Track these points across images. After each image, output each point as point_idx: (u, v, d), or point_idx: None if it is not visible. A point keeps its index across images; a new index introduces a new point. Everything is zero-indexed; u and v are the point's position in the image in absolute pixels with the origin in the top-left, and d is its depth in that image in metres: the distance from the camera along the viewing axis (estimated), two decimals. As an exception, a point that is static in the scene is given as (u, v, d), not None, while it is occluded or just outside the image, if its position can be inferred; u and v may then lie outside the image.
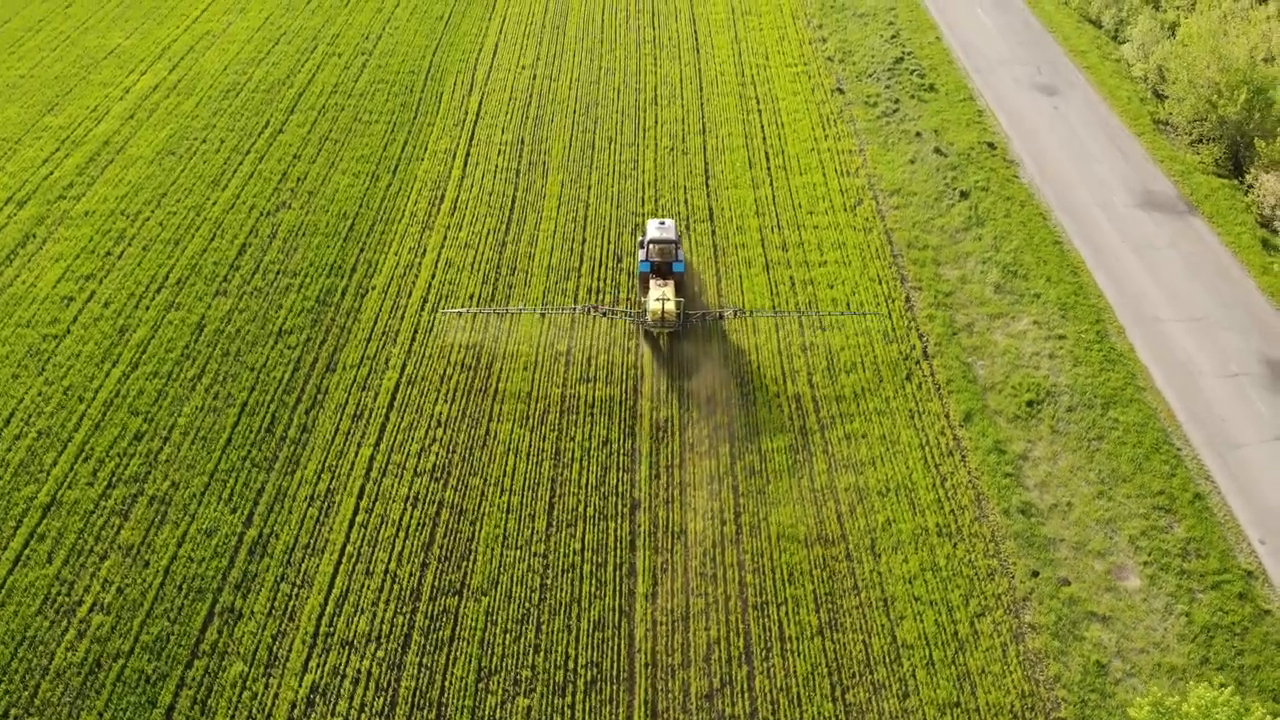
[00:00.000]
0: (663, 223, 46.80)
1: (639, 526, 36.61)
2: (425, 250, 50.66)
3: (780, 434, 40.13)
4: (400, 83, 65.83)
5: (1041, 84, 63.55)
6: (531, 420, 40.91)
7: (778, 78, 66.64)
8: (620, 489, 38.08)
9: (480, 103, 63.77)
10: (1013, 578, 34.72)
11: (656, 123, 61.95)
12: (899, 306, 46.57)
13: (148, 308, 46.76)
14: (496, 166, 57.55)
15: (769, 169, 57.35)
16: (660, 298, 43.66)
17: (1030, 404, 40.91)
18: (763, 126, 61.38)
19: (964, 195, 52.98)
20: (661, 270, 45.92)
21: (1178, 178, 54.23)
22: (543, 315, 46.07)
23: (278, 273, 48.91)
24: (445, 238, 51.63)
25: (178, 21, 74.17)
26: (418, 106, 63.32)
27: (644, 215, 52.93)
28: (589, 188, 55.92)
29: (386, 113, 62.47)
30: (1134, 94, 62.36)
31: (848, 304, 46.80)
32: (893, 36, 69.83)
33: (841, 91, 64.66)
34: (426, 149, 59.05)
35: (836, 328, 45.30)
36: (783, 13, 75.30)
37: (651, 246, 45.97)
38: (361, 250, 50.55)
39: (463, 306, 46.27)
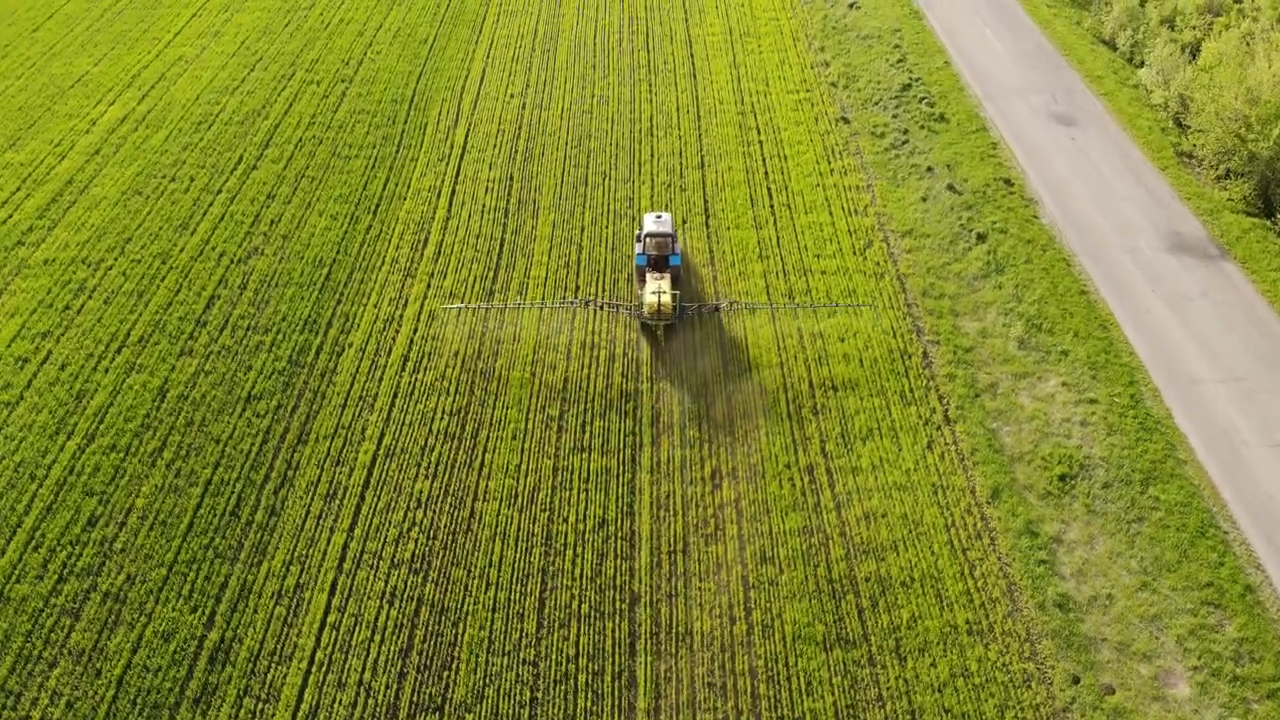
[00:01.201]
0: (659, 216, 47.03)
1: (639, 626, 33.26)
2: (407, 301, 47.26)
3: (793, 512, 36.84)
4: (382, 113, 62.41)
5: (1058, 113, 60.39)
6: (521, 499, 37.52)
7: (779, 105, 63.40)
8: (618, 580, 34.73)
9: (467, 135, 60.40)
10: (1051, 684, 31.48)
11: (653, 156, 58.67)
12: (916, 363, 43.32)
13: (107, 370, 43.29)
14: (484, 206, 54.20)
15: (772, 206, 54.09)
16: (657, 290, 43.93)
17: (1063, 479, 37.68)
18: (764, 159, 58.13)
19: (981, 238, 49.77)
20: (658, 264, 45.98)
21: (1206, 217, 51.11)
22: (533, 375, 42.74)
23: (248, 329, 45.45)
24: (429, 286, 48.24)
25: (149, 46, 70.65)
26: (400, 139, 59.91)
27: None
28: (582, 229, 52.61)
29: (367, 146, 59.05)
30: (1154, 123, 59.26)
31: (860, 360, 43.50)
32: (899, 61, 66.63)
33: (846, 121, 61.45)
34: (409, 187, 55.64)
35: (851, 387, 42.05)
36: (783, 34, 72.06)
37: (648, 240, 46.04)
38: (338, 302, 47.11)
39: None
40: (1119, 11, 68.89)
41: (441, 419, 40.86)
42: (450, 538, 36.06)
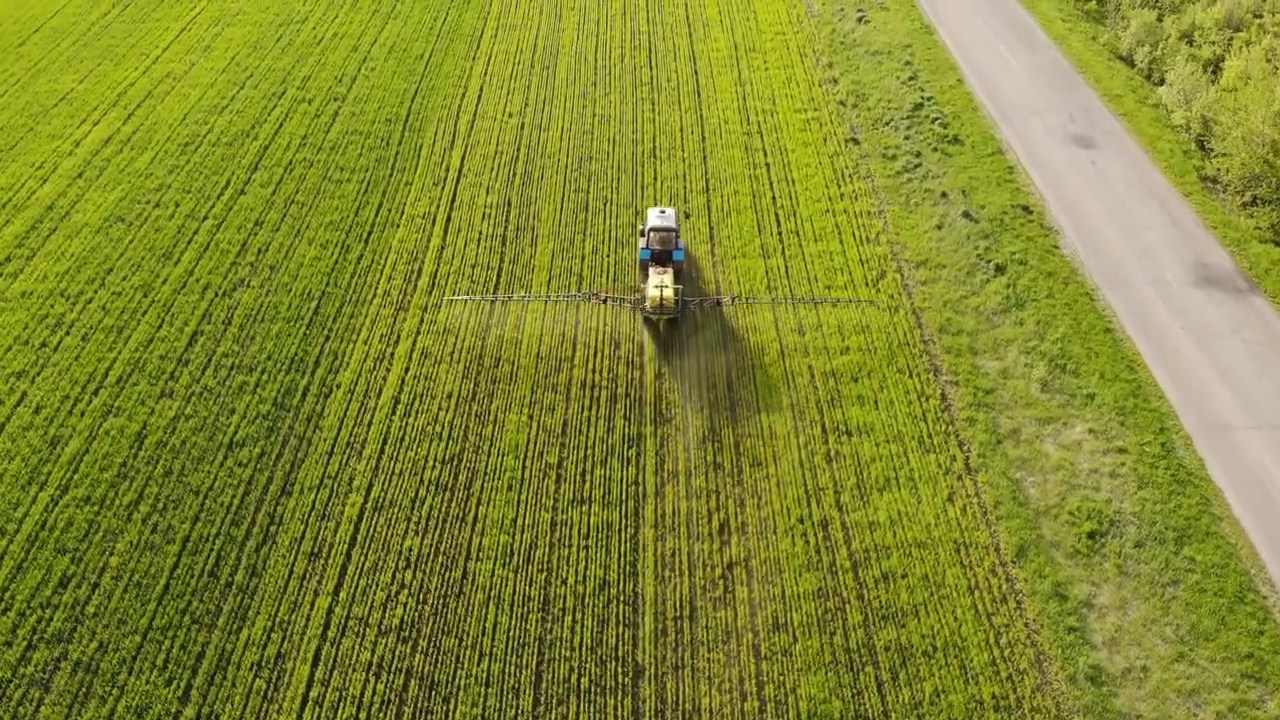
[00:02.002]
0: (663, 211, 47.55)
1: (644, 703, 31.06)
2: (399, 338, 45.11)
3: (807, 573, 34.67)
4: (375, 134, 60.25)
5: (1076, 134, 58.20)
6: (516, 557, 35.38)
7: (786, 125, 61.23)
8: (620, 650, 32.54)
9: (463, 157, 58.25)
10: (1086, 768, 29.28)
11: (656, 179, 56.53)
12: (934, 406, 41.15)
13: (83, 414, 41.15)
14: (480, 234, 52.04)
15: (780, 234, 51.93)
16: (660, 284, 44.32)
17: (1092, 536, 35.51)
18: (771, 183, 55.96)
19: (1000, 269, 47.60)
20: (661, 258, 46.43)
21: (1233, 247, 48.93)
22: (531, 418, 40.64)
23: (231, 368, 43.30)
24: (422, 321, 46.07)
25: (136, 62, 68.53)
26: (394, 162, 57.76)
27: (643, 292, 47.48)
28: (583, 258, 50.46)
29: (359, 170, 56.88)
30: (1176, 145, 57.07)
31: (876, 402, 41.32)
32: (910, 79, 64.44)
33: (856, 142, 59.29)
34: (403, 213, 53.49)
35: (866, 432, 39.89)
36: (789, 49, 69.88)
37: (652, 234, 46.49)
38: (327, 338, 44.96)
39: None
40: (1136, 27, 66.75)
41: (433, 467, 38.70)
42: (441, 602, 33.89)
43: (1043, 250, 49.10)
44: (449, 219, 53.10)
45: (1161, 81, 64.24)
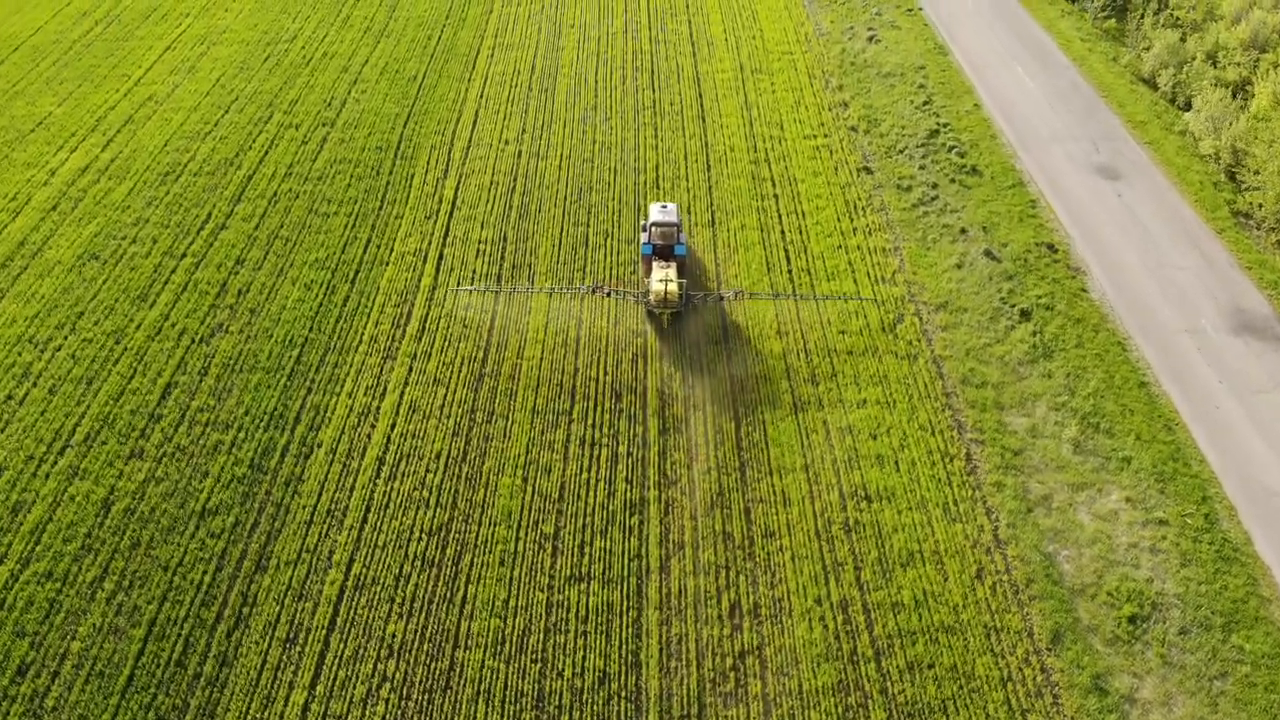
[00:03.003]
0: (665, 206, 47.54)
1: (647, 818, 28.26)
2: (385, 390, 42.32)
3: (825, 663, 31.86)
4: (365, 162, 57.46)
5: (1100, 165, 55.41)
6: (508, 645, 32.58)
7: (795, 153, 58.44)
8: (623, 753, 29.75)
9: (457, 188, 55.48)
10: None
11: (659, 212, 53.54)
12: (959, 468, 38.34)
13: (47, 476, 38.41)
14: (474, 272, 49.28)
15: (790, 272, 49.15)
16: (663, 279, 44.62)
17: (1133, 620, 32.72)
18: (780, 216, 53.19)
19: (1025, 315, 44.82)
20: (664, 253, 46.69)
21: (1270, 290, 46.16)
22: (525, 480, 37.90)
23: (206, 424, 40.51)
24: (410, 371, 43.31)
25: (118, 83, 65.76)
26: (384, 193, 54.96)
27: (649, 337, 44.76)
28: (582, 300, 47.61)
29: (348, 202, 54.11)
30: (1205, 177, 54.27)
31: (896, 463, 38.54)
32: (924, 103, 61.63)
33: (869, 171, 56.49)
34: (393, 250, 50.71)
35: (887, 498, 37.11)
36: (797, 70, 67.07)
37: (654, 229, 46.62)
38: (309, 391, 42.17)
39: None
40: (1160, 49, 63.96)
41: (419, 540, 35.91)
42: (426, 697, 31.10)
43: (1070, 294, 46.30)
44: (441, 256, 50.34)
45: (1187, 106, 61.49)
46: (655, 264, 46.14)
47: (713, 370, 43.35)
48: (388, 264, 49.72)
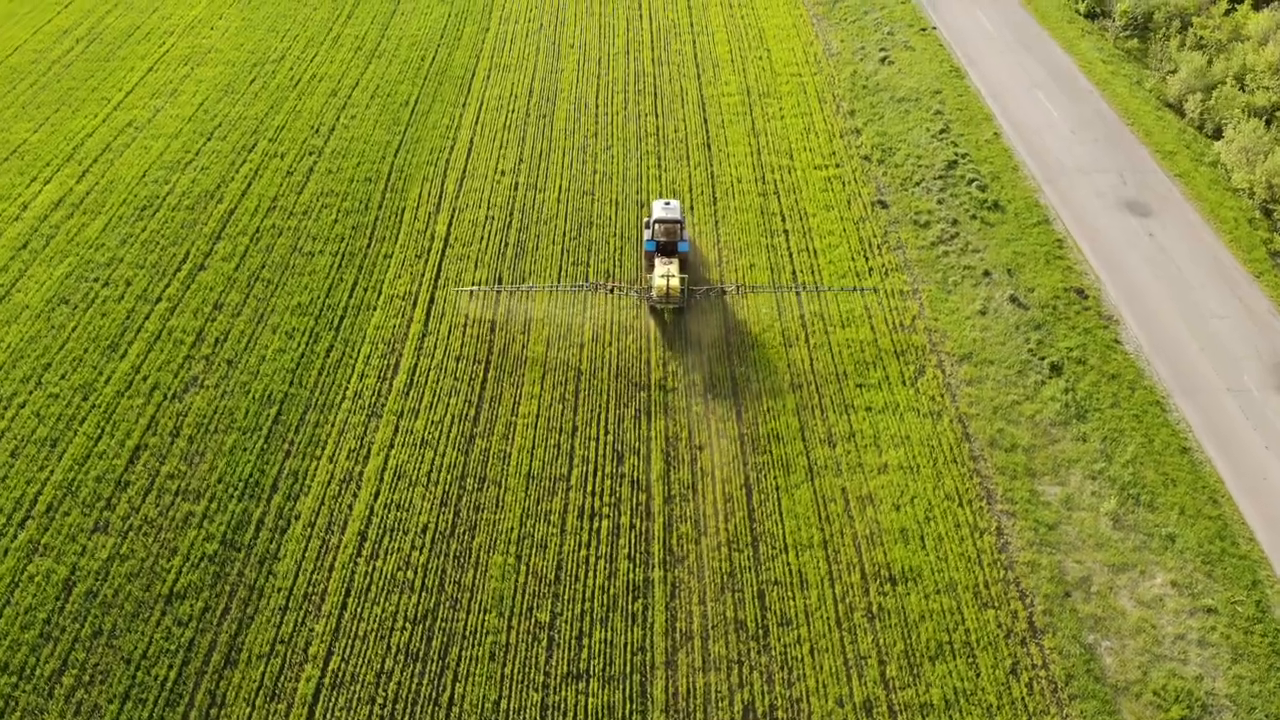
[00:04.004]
0: (668, 203, 47.76)
1: None
2: (369, 453, 39.38)
3: (845, 775, 28.86)
4: (353, 195, 54.52)
5: (1129, 200, 52.43)
6: (502, 754, 29.65)
7: (805, 184, 55.48)
8: None
9: (450, 223, 52.55)
10: None
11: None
12: (989, 544, 35.40)
13: (6, 552, 35.49)
14: (467, 317, 46.30)
15: (802, 317, 46.17)
16: (665, 274, 44.92)
17: (1185, 727, 29.71)
18: (791, 254, 50.25)
19: (1056, 369, 41.87)
20: (666, 249, 46.89)
21: (1318, 341, 43.14)
22: (519, 558, 34.96)
23: (177, 493, 37.59)
24: (397, 431, 40.37)
25: (96, 108, 62.82)
26: (373, 230, 52.02)
27: (653, 394, 41.83)
28: (581, 347, 44.72)
29: (334, 239, 51.16)
30: (1240, 213, 51.33)
31: (922, 539, 35.59)
32: (941, 131, 58.67)
33: (884, 205, 53.54)
34: (380, 293, 47.77)
35: (913, 579, 34.17)
36: (806, 94, 64.09)
37: (657, 226, 46.80)
38: (287, 455, 39.24)
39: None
40: (1186, 74, 60.99)
41: (403, 628, 32.97)
42: (410, 820, 28.11)
43: (1103, 346, 43.32)
44: (431, 300, 47.40)
45: (1216, 134, 58.58)
46: (658, 260, 46.37)
47: (721, 428, 40.41)
48: (375, 309, 46.78)
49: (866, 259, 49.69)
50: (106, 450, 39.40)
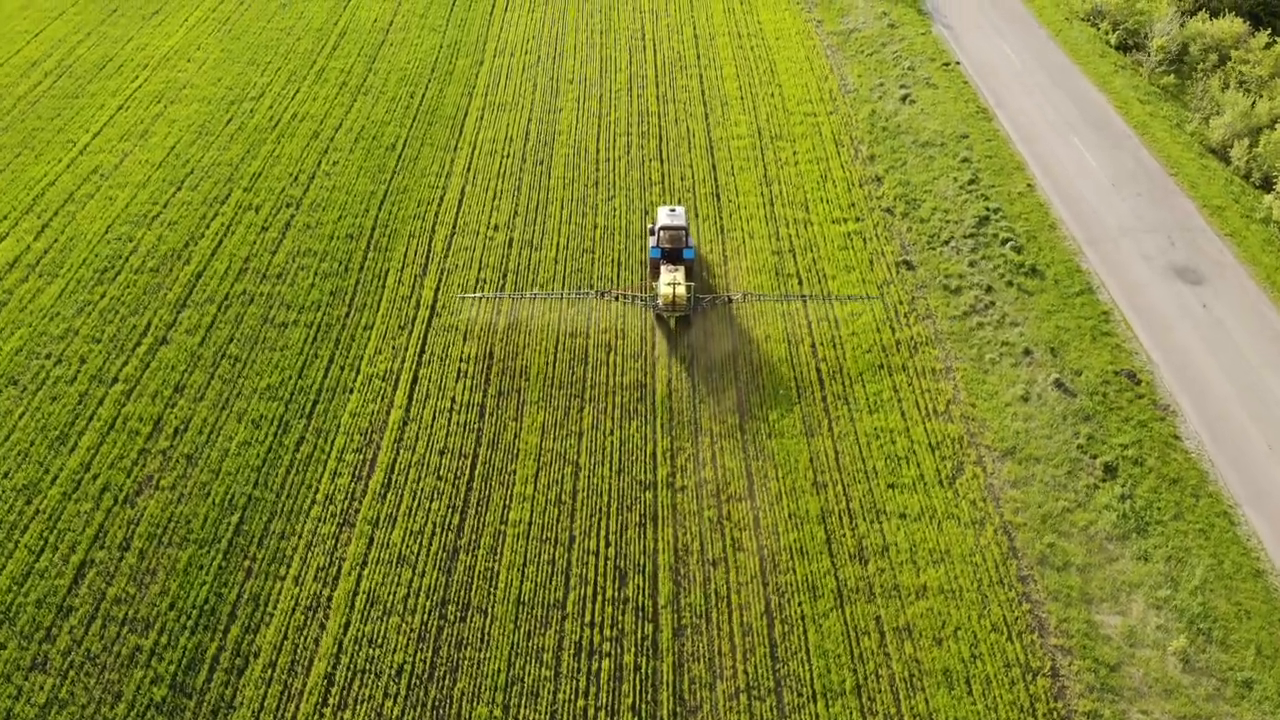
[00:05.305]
0: (673, 210, 47.25)
1: None
2: (340, 571, 34.99)
3: None
4: (333, 254, 50.15)
5: (1179, 265, 48.03)
6: None
7: (823, 242, 51.07)
8: None
9: (437, 288, 48.22)
10: None
11: (673, 322, 46.30)
12: (1044, 689, 30.98)
13: (-80, 697, 30.97)
14: (454, 401, 41.96)
15: (824, 401, 41.76)
16: (671, 282, 44.41)
17: None
18: (810, 326, 45.79)
19: (1110, 471, 37.49)
20: (672, 256, 46.16)
21: (1399, 436, 38.69)
22: (506, 709, 30.51)
23: (124, 622, 33.23)
24: (371, 543, 36.03)
25: (61, 151, 58.46)
26: (352, 296, 47.64)
27: (660, 485, 37.47)
28: (579, 436, 40.34)
29: (309, 307, 46.78)
30: (1301, 277, 46.84)
31: (968, 682, 31.13)
32: (970, 181, 54.26)
33: (910, 266, 49.14)
34: (359, 372, 43.38)
35: (952, 737, 29.69)
36: (823, 137, 59.66)
37: (662, 233, 46.24)
38: (248, 574, 34.84)
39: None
40: (1231, 118, 56.58)
41: (376, 802, 28.48)
42: None
43: (1161, 443, 38.89)
44: (415, 379, 43.00)
45: (1265, 184, 54.30)
46: (664, 267, 45.60)
47: (738, 540, 36.00)
48: (352, 391, 42.39)
49: (893, 330, 45.34)
50: (47, 568, 35.04)
